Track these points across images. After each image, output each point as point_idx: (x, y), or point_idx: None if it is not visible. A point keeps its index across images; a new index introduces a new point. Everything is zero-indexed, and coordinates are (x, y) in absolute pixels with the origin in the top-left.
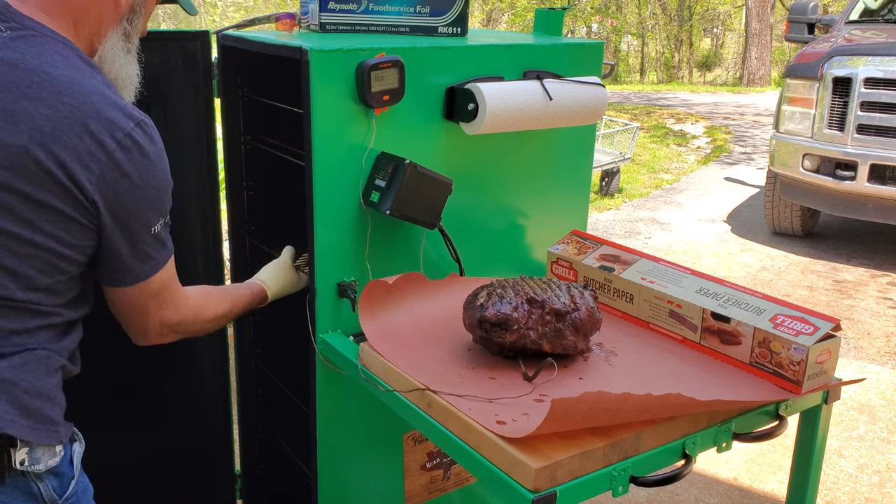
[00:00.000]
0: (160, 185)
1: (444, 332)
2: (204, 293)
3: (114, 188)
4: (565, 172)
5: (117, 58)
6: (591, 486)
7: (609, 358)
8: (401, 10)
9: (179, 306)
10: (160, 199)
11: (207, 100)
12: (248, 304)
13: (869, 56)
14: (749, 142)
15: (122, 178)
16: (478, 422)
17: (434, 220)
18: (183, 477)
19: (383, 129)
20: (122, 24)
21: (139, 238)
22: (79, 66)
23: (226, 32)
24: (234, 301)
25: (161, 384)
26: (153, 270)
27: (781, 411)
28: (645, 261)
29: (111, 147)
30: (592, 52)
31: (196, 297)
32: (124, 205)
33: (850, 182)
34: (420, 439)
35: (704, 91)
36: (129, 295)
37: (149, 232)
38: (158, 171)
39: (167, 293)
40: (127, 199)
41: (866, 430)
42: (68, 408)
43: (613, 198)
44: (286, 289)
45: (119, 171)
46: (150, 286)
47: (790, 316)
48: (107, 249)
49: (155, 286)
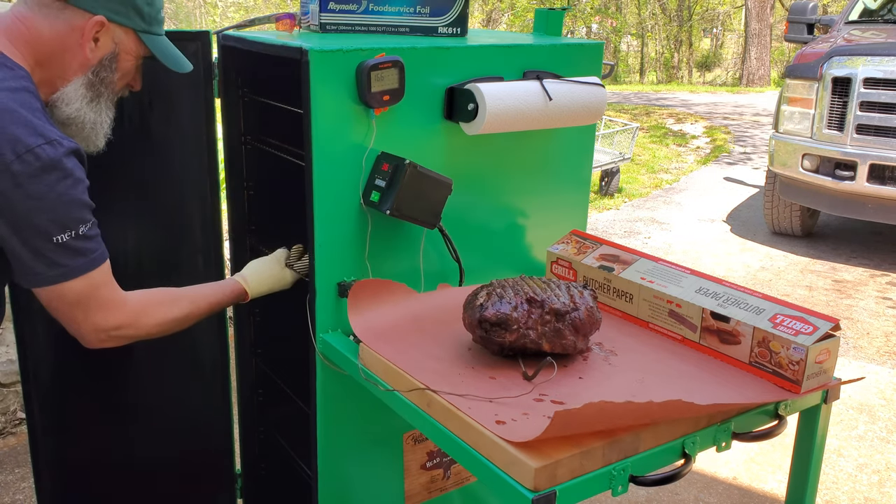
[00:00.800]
0: (62, 202)
1: (444, 331)
2: (148, 298)
3: (8, 196)
4: (565, 172)
5: (74, 102)
6: (591, 486)
7: (608, 357)
8: (401, 10)
9: (112, 312)
10: (61, 215)
11: (208, 100)
12: (219, 303)
13: (868, 56)
14: (748, 142)
15: (16, 188)
16: (477, 421)
17: (434, 220)
18: (183, 477)
19: (383, 129)
20: (87, 76)
21: (40, 246)
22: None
23: (226, 32)
24: (194, 302)
25: (161, 384)
26: (65, 277)
27: (781, 411)
28: (644, 260)
29: (9, 159)
30: (592, 52)
31: (137, 302)
32: (18, 213)
33: (849, 182)
34: (420, 439)
35: (704, 91)
36: (47, 297)
37: (50, 241)
38: (61, 188)
39: (93, 300)
40: (21, 208)
41: (866, 429)
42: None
43: (613, 198)
44: (271, 286)
45: (14, 182)
46: (64, 292)
47: (789, 315)
48: (8, 252)
49: (72, 293)
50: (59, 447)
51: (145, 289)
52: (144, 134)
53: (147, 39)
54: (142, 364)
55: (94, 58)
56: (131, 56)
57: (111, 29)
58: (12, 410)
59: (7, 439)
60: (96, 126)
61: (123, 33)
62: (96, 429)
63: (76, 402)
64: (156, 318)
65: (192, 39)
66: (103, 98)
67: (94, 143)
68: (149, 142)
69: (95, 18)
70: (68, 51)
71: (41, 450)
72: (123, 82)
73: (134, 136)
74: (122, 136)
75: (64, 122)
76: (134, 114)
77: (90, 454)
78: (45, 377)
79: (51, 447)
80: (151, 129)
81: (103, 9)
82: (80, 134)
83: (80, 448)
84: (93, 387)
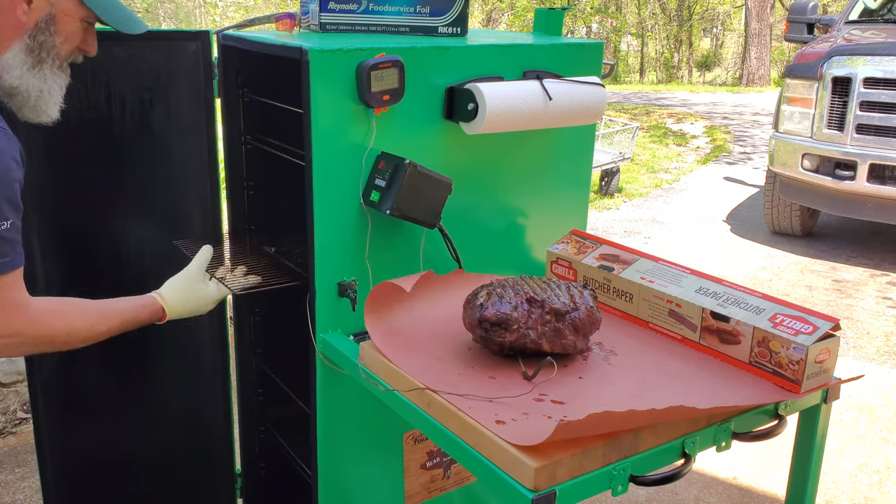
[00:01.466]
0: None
1: (445, 331)
2: (54, 307)
3: None
4: (565, 172)
5: (15, 69)
6: (591, 485)
7: (608, 357)
8: (401, 10)
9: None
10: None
11: (208, 99)
12: (132, 320)
13: (868, 56)
14: (748, 141)
15: None
16: (477, 421)
17: (434, 220)
18: (183, 477)
19: (383, 128)
20: (24, 40)
21: None
22: None
23: (226, 32)
24: (103, 315)
25: (161, 384)
26: None
27: (781, 411)
28: (644, 260)
29: None
30: (592, 52)
31: (41, 310)
32: None
33: (849, 182)
34: (420, 438)
35: (704, 91)
36: None
37: None
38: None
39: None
40: None
41: (865, 429)
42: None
43: (613, 197)
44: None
45: None
46: None
47: (789, 315)
48: None
49: None
50: (63, 443)
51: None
52: (145, 134)
53: None
54: (142, 363)
55: (28, 20)
56: (72, 17)
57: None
58: (12, 410)
59: (7, 439)
60: (43, 94)
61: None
62: (97, 426)
63: (79, 400)
64: (56, 327)
65: (192, 39)
66: (46, 64)
67: (46, 113)
68: (149, 142)
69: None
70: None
71: (45, 447)
72: (70, 46)
73: (134, 136)
74: (122, 136)
75: (7, 91)
76: (134, 113)
77: (92, 450)
78: (50, 374)
79: (55, 443)
80: (152, 129)
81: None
82: (27, 104)
83: (82, 445)
84: (94, 386)
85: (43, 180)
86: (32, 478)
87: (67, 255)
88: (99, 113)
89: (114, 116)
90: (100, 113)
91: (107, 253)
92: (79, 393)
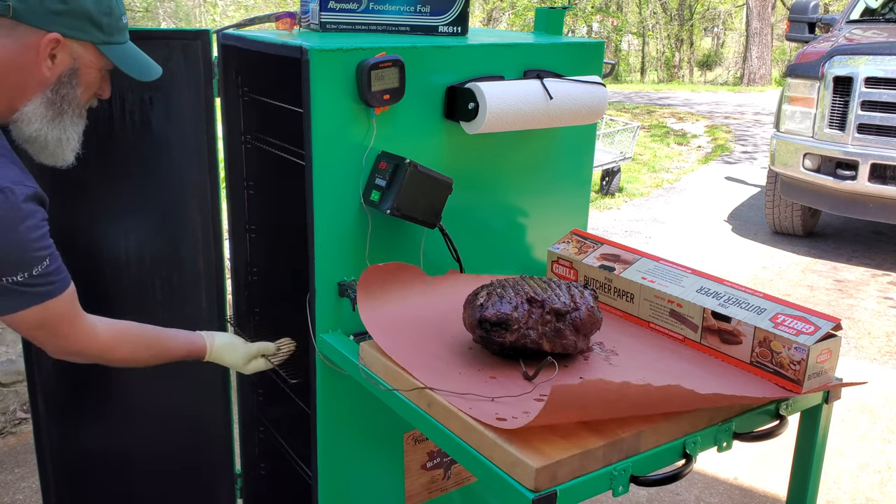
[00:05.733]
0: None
1: (445, 330)
2: (118, 334)
3: None
4: (566, 172)
5: (34, 122)
6: (592, 486)
7: (609, 357)
8: (401, 9)
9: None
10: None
11: (208, 99)
12: (180, 357)
13: (870, 55)
14: (750, 141)
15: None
16: (478, 420)
17: (434, 220)
18: (183, 477)
19: (383, 128)
20: (46, 94)
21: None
22: None
23: (226, 31)
24: (156, 352)
25: (161, 384)
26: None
27: (782, 411)
28: (645, 260)
29: None
30: (593, 51)
31: (107, 336)
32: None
33: (850, 181)
34: (420, 439)
35: (705, 90)
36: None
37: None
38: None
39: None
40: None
41: (867, 429)
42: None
43: (614, 197)
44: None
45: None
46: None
47: (791, 315)
48: None
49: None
50: (63, 443)
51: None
52: (145, 133)
53: (108, 51)
54: None
55: (52, 75)
56: (93, 69)
57: (68, 44)
58: (12, 410)
59: (7, 439)
60: (61, 142)
61: (82, 47)
62: (97, 426)
63: (78, 401)
64: (119, 355)
65: (192, 38)
66: (66, 115)
67: (62, 159)
68: (149, 141)
69: (49, 36)
70: (24, 70)
71: (45, 447)
72: (89, 94)
73: (134, 136)
74: (122, 136)
75: (26, 140)
76: (134, 113)
77: (92, 451)
78: (49, 374)
79: (55, 443)
80: (152, 129)
81: (57, 25)
82: (45, 151)
83: (81, 446)
84: (94, 385)
85: (42, 180)
86: (32, 478)
87: (67, 255)
88: (99, 112)
89: (114, 116)
90: (100, 112)
91: (106, 252)
92: (78, 393)
